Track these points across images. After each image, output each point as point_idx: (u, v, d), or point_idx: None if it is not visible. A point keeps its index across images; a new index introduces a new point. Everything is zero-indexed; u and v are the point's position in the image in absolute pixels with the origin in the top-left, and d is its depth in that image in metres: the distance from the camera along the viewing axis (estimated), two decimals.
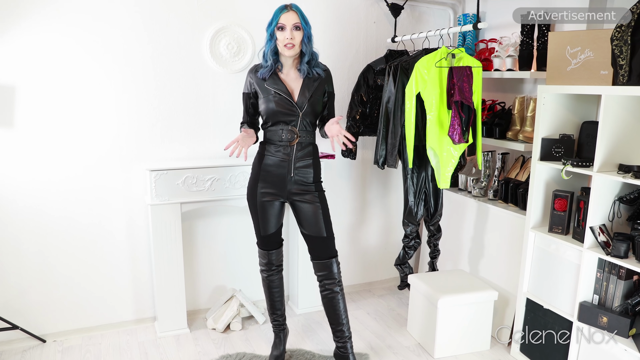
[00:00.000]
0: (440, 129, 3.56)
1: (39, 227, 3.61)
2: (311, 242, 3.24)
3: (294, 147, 3.12)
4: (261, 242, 3.35)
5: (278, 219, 3.29)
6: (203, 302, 4.23)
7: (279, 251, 3.40)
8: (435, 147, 3.59)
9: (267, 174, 3.17)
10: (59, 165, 3.58)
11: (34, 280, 3.65)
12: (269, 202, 3.20)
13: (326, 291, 3.24)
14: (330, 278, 3.22)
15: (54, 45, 3.43)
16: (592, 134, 3.10)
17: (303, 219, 3.21)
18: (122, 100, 3.66)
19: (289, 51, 3.01)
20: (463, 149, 3.61)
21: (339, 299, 3.24)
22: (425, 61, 3.53)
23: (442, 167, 3.64)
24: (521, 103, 3.73)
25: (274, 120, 3.10)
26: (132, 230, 3.87)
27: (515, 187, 3.76)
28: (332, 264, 3.21)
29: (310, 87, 3.12)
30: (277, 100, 3.06)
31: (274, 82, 3.09)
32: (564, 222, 3.18)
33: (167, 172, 3.64)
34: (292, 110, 3.08)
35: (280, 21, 2.97)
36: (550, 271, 3.28)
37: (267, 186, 3.18)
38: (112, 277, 3.88)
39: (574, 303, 3.10)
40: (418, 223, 4.02)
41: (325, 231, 3.20)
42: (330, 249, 3.23)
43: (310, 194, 3.19)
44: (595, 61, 2.96)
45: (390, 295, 4.67)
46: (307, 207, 3.18)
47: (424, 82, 3.53)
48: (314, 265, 3.26)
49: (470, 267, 4.18)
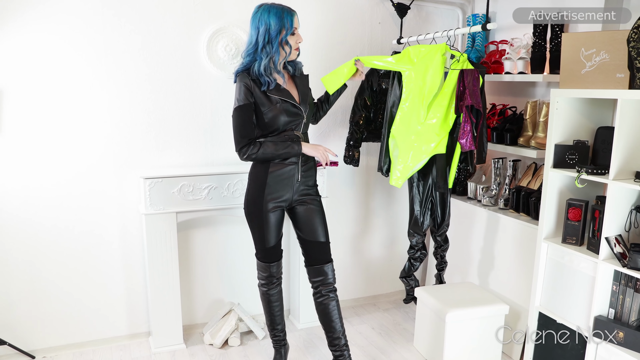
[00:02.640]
0: (412, 121, 3.60)
1: (29, 236, 3.61)
2: (308, 247, 3.28)
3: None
4: (263, 255, 3.33)
5: (279, 228, 3.30)
6: (200, 317, 4.23)
7: (280, 263, 3.40)
8: (398, 138, 3.64)
9: (274, 182, 3.15)
10: (49, 172, 3.58)
11: (23, 293, 3.65)
12: (274, 212, 3.20)
13: (322, 297, 3.26)
14: (325, 283, 3.27)
15: (43, 47, 3.44)
16: (608, 140, 3.09)
17: (301, 223, 3.26)
18: (115, 104, 3.67)
19: (296, 53, 3.06)
20: (432, 154, 3.62)
21: (334, 306, 3.28)
22: (422, 49, 3.56)
23: (399, 162, 3.67)
24: (533, 108, 3.73)
25: (282, 128, 3.09)
26: (125, 241, 3.87)
27: (527, 196, 3.76)
28: (328, 268, 3.27)
29: (306, 86, 3.20)
30: (286, 107, 3.06)
31: (276, 89, 3.06)
32: (578, 232, 3.18)
33: (162, 180, 3.64)
34: (298, 115, 3.11)
35: (295, 26, 2.99)
36: (563, 284, 3.28)
37: (274, 194, 3.17)
38: (105, 289, 3.88)
39: (588, 317, 3.10)
40: (424, 233, 4.02)
41: (323, 236, 3.27)
42: (327, 254, 3.30)
43: (309, 197, 3.26)
44: (611, 64, 2.96)
45: (395, 309, 4.67)
46: (305, 210, 3.24)
47: (410, 65, 3.57)
48: (309, 271, 3.30)
49: (479, 280, 4.17)
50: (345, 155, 4.17)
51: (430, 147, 3.59)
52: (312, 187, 3.29)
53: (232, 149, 3.52)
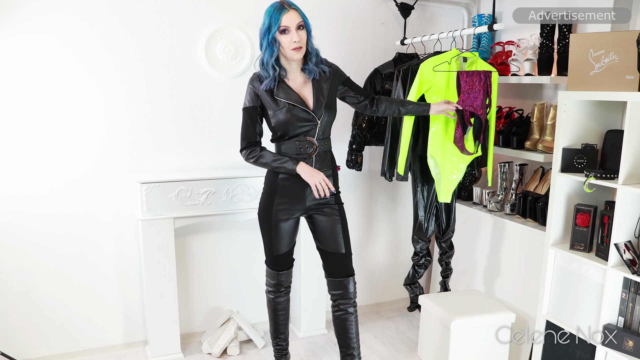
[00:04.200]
0: (444, 137, 3.57)
1: (21, 243, 3.61)
2: (328, 258, 3.23)
3: (313, 159, 3.09)
4: (272, 262, 3.33)
5: (292, 237, 3.28)
6: (198, 325, 4.23)
7: (290, 272, 3.39)
8: (437, 157, 3.60)
9: (284, 189, 3.13)
10: (43, 177, 3.59)
11: (16, 301, 3.66)
12: (285, 220, 3.18)
13: (340, 311, 3.23)
14: (345, 297, 3.22)
15: (37, 48, 3.44)
16: (617, 143, 3.09)
17: (321, 233, 3.21)
18: (110, 107, 3.68)
19: (297, 54, 2.93)
20: (469, 160, 3.61)
21: (352, 321, 3.24)
22: (432, 62, 3.54)
23: (444, 179, 3.64)
24: (540, 110, 3.74)
25: (291, 133, 3.04)
26: (121, 247, 3.87)
27: (534, 201, 3.76)
28: (348, 282, 3.21)
29: (323, 90, 3.07)
30: (293, 112, 2.99)
31: (284, 92, 3.00)
32: (586, 238, 3.18)
33: (159, 184, 3.64)
34: (309, 120, 3.03)
35: (282, 23, 2.87)
36: (571, 291, 3.27)
37: (284, 202, 3.15)
38: (100, 297, 3.88)
39: (597, 326, 3.09)
40: (429, 239, 4.02)
41: (345, 247, 3.20)
42: (348, 267, 3.23)
43: (329, 206, 3.18)
44: (620, 65, 2.95)
45: (399, 317, 4.66)
46: (325, 220, 3.18)
47: (429, 85, 3.53)
48: (328, 282, 3.26)
49: (485, 287, 4.17)
50: (347, 159, 4.17)
51: (467, 156, 3.61)
52: (331, 196, 3.18)
53: (231, 152, 3.55)
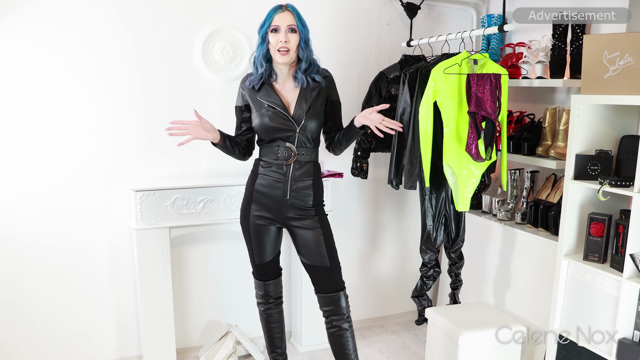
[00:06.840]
0: (458, 144, 3.56)
1: (10, 252, 3.61)
2: (314, 273, 3.22)
3: (291, 166, 3.12)
4: (257, 272, 3.36)
5: (275, 245, 3.29)
6: (194, 339, 4.23)
7: (277, 282, 3.40)
8: (453, 165, 3.60)
9: (260, 196, 3.17)
10: (33, 184, 3.60)
11: (4, 313, 3.66)
12: (264, 227, 3.21)
13: (333, 328, 3.23)
14: (337, 314, 3.21)
15: (26, 50, 3.45)
16: (633, 149, 3.10)
17: (302, 247, 3.20)
18: (103, 112, 3.69)
19: (282, 57, 2.99)
20: (485, 167, 3.62)
21: (347, 337, 3.24)
22: (443, 67, 3.54)
23: (461, 187, 3.64)
24: (552, 115, 3.74)
25: (268, 136, 3.10)
26: (115, 257, 3.88)
27: (545, 210, 3.76)
28: (339, 297, 3.20)
29: (308, 97, 3.10)
30: (271, 114, 3.05)
31: (267, 93, 3.08)
32: (600, 248, 3.17)
33: (154, 192, 3.65)
34: (288, 126, 3.07)
35: (273, 22, 2.97)
36: (585, 304, 3.27)
37: (260, 209, 3.18)
38: (93, 309, 3.88)
39: (611, 340, 3.08)
40: (437, 250, 4.02)
41: (329, 260, 3.17)
42: (337, 281, 3.21)
43: (309, 218, 3.17)
44: (636, 67, 2.95)
45: (405, 331, 4.66)
46: (306, 233, 3.17)
47: (441, 90, 3.54)
48: (318, 299, 3.25)
49: (495, 300, 4.17)
50: (352, 166, 4.18)
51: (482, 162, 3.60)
52: (312, 208, 3.18)
53: (229, 159, 3.55)
